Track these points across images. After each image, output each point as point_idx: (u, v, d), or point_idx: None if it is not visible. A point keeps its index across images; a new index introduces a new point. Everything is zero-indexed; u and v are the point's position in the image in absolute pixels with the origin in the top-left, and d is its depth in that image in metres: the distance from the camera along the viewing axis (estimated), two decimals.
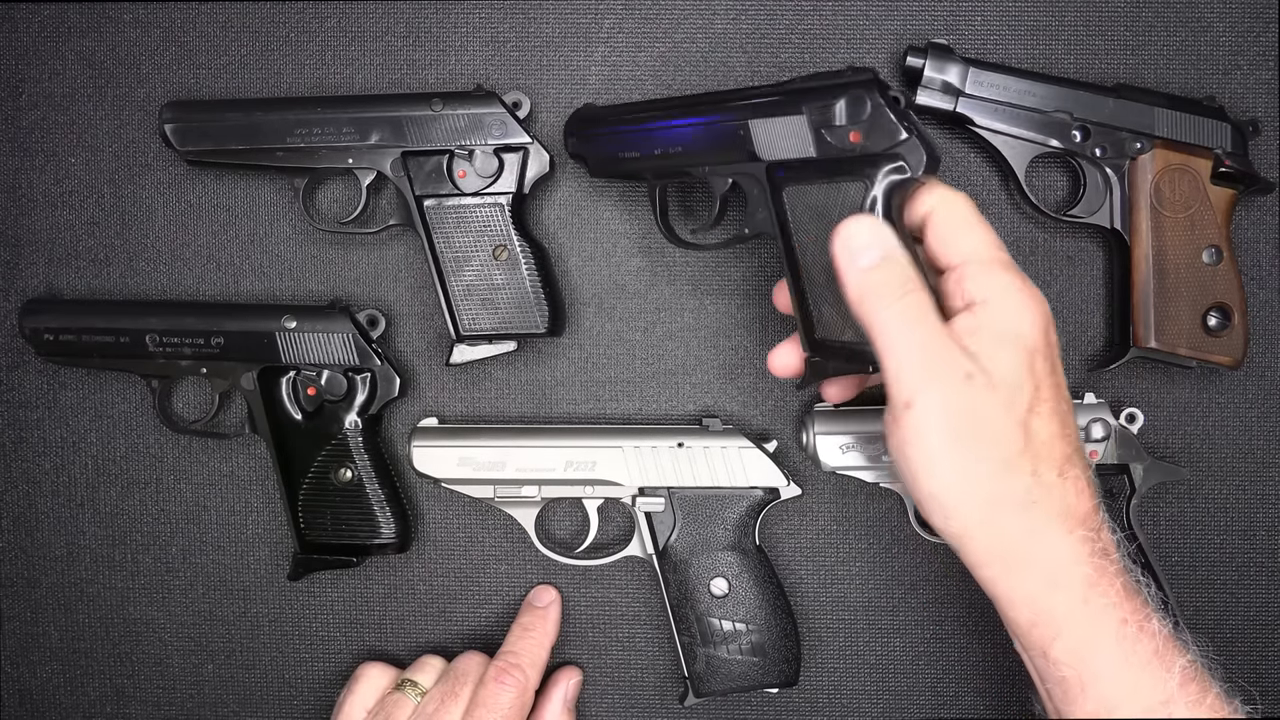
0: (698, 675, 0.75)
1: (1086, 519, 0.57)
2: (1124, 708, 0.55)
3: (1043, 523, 0.56)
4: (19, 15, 0.81)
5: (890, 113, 0.61)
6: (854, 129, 0.61)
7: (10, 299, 0.81)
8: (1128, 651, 0.56)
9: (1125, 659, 0.55)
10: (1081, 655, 0.56)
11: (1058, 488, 0.57)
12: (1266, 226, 0.80)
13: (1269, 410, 0.80)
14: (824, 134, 0.62)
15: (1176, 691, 0.55)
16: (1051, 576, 0.56)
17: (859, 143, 0.61)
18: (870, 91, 0.61)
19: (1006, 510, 0.56)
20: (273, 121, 0.75)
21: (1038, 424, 0.57)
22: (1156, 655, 0.56)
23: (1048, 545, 0.56)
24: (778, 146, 0.65)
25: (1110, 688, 0.55)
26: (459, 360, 0.77)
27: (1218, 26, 0.80)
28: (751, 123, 0.66)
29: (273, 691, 0.82)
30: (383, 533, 0.77)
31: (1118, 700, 0.55)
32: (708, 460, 0.76)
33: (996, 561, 0.57)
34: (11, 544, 0.82)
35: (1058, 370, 0.59)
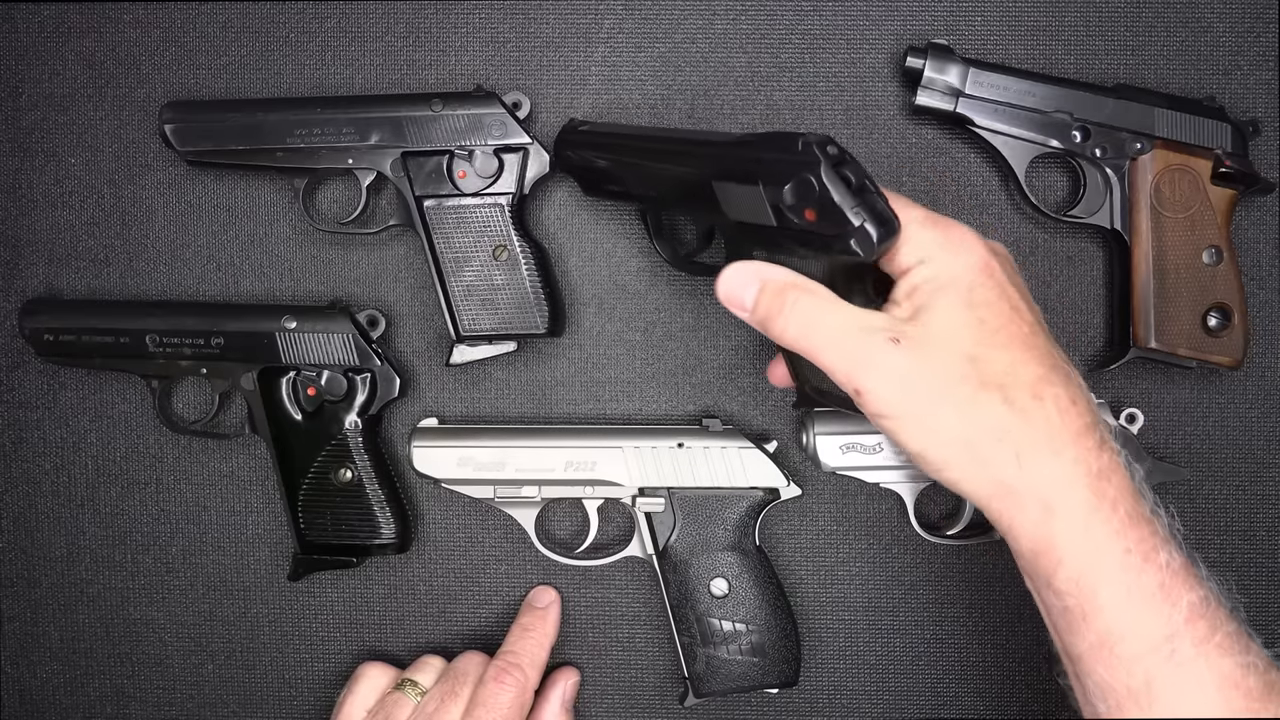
0: (698, 675, 0.75)
1: (1078, 439, 0.56)
2: (1126, 640, 0.54)
3: (1026, 447, 0.55)
4: (19, 15, 0.81)
5: (838, 200, 0.58)
6: (807, 208, 0.59)
7: (10, 299, 0.81)
8: (1130, 583, 0.54)
9: (1128, 591, 0.54)
10: (1083, 585, 0.55)
11: (1036, 410, 0.56)
12: (1266, 226, 0.80)
13: (1269, 410, 0.80)
14: (780, 208, 0.60)
15: (1182, 627, 0.54)
16: (1047, 502, 0.55)
17: (813, 221, 0.59)
18: (817, 175, 0.58)
19: (984, 444, 0.56)
20: (273, 122, 0.75)
21: (995, 354, 0.57)
22: (1162, 589, 0.54)
23: (1036, 470, 0.55)
24: (741, 210, 0.63)
25: (1112, 619, 0.54)
26: (459, 360, 0.77)
27: (1218, 26, 0.80)
28: (715, 183, 0.65)
29: (273, 691, 0.82)
30: (383, 533, 0.77)
31: (1120, 632, 0.54)
32: (708, 460, 0.76)
33: (993, 496, 0.56)
34: (11, 544, 0.82)
35: (1011, 296, 0.59)
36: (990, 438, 0.56)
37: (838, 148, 0.59)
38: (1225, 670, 0.53)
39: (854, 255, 0.58)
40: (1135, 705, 0.54)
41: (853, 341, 0.58)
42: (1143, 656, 0.54)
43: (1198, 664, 0.53)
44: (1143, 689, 0.54)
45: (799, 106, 0.80)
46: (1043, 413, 0.56)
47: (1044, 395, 0.56)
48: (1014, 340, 0.57)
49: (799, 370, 0.66)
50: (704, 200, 0.66)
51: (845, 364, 0.58)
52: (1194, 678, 0.53)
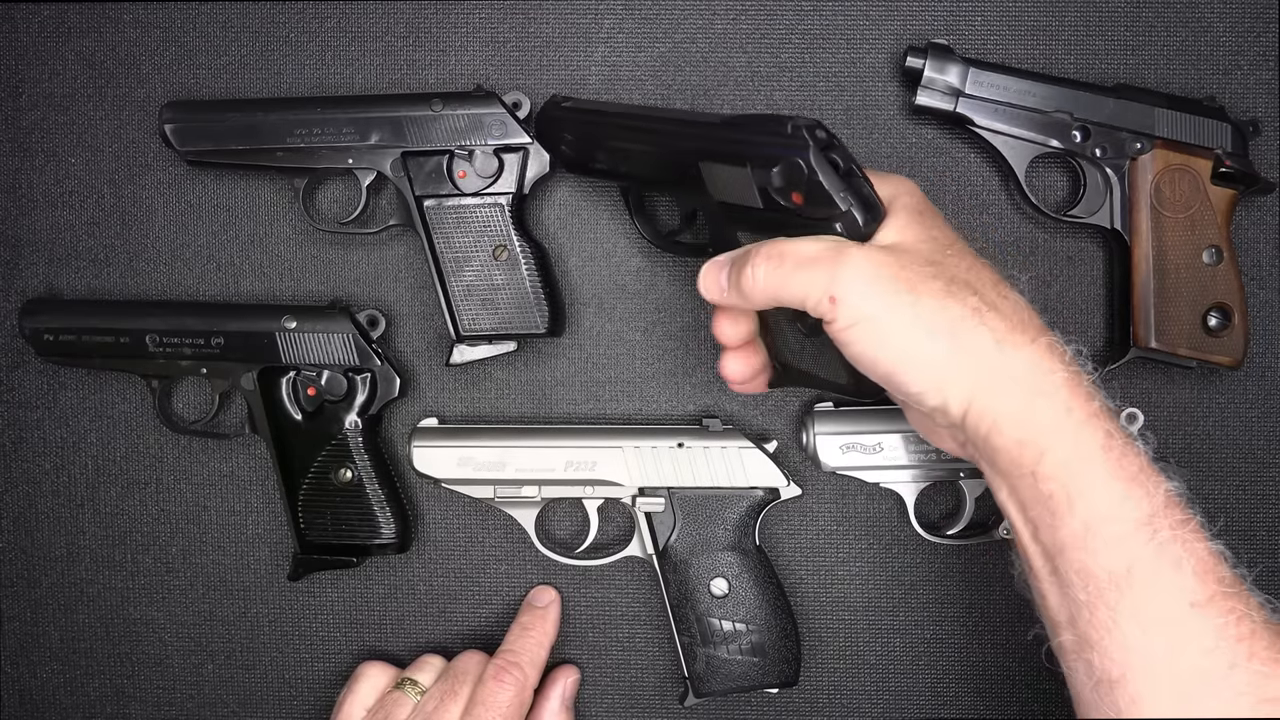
0: (698, 675, 0.75)
1: (1044, 333, 0.58)
2: (1111, 521, 0.54)
3: (1004, 332, 0.56)
4: (19, 15, 0.81)
5: (826, 184, 0.58)
6: (794, 191, 0.59)
7: (10, 299, 0.81)
8: (1114, 464, 0.55)
9: (1113, 471, 0.55)
10: (1070, 467, 0.55)
11: (1003, 303, 0.58)
12: (1266, 226, 0.80)
13: (1269, 410, 0.80)
14: (767, 190, 0.61)
15: (1161, 509, 0.54)
16: (1030, 384, 0.56)
17: (800, 204, 0.59)
18: (807, 159, 0.58)
19: (965, 330, 0.56)
20: (273, 121, 0.75)
21: (954, 260, 0.59)
22: (1142, 472, 0.55)
23: (1015, 353, 0.56)
24: (727, 191, 0.64)
25: (1098, 500, 0.54)
26: (459, 360, 0.77)
27: (1218, 26, 0.80)
28: (702, 164, 0.64)
29: (273, 691, 0.82)
30: (383, 533, 0.77)
31: (1105, 513, 0.54)
32: (708, 460, 0.76)
33: (976, 387, 0.56)
34: (11, 544, 0.82)
35: (948, 226, 0.62)
36: (969, 323, 0.56)
37: (826, 132, 0.60)
38: (1201, 554, 0.54)
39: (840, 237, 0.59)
40: (1114, 588, 0.54)
41: (821, 257, 0.58)
42: (1126, 538, 0.54)
43: (1175, 546, 0.54)
44: (1123, 572, 0.54)
45: (799, 106, 0.80)
46: (1010, 304, 0.58)
47: (1006, 294, 0.58)
48: (966, 254, 0.60)
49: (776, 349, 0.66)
50: (689, 181, 0.66)
51: (816, 278, 0.57)
52: (1173, 560, 0.53)
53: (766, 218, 0.62)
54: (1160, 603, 0.53)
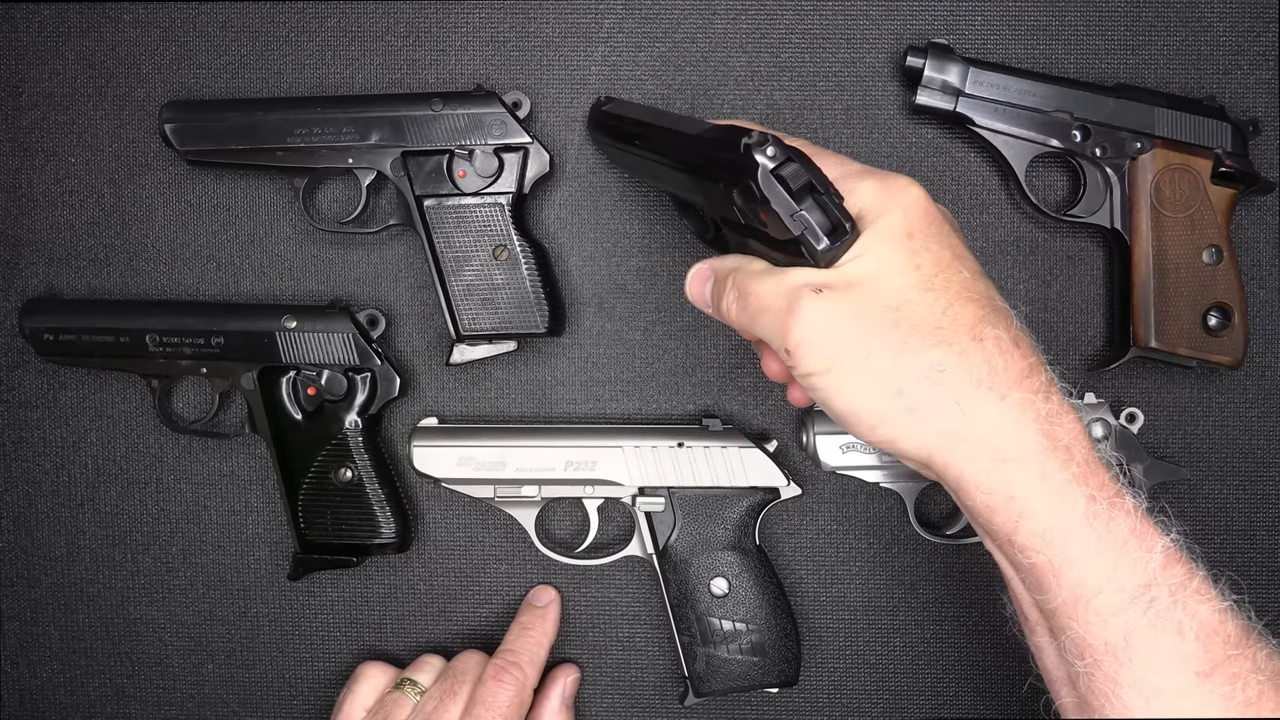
0: (698, 675, 0.75)
1: (1023, 380, 0.53)
2: (1103, 594, 0.51)
3: (967, 391, 0.52)
4: (19, 15, 0.81)
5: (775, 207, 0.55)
6: (760, 210, 0.56)
7: (10, 299, 0.81)
8: (1100, 531, 0.51)
9: (1098, 539, 0.51)
10: (1049, 538, 0.52)
11: (975, 351, 0.52)
12: (1266, 226, 0.80)
13: (1269, 410, 0.80)
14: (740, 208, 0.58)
15: (1159, 574, 0.51)
16: (997, 449, 0.52)
17: (766, 223, 0.57)
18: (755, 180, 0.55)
19: (920, 390, 0.52)
20: (273, 121, 0.75)
21: (929, 298, 0.53)
22: (1134, 534, 0.51)
23: (980, 414, 0.52)
24: (715, 206, 0.62)
25: (1085, 572, 0.51)
26: (459, 360, 0.77)
27: (1218, 26, 0.80)
28: (694, 178, 0.63)
29: (273, 691, 0.82)
30: (383, 533, 0.77)
31: (1095, 585, 0.51)
32: (708, 460, 0.76)
33: (935, 449, 0.53)
34: (11, 544, 0.82)
35: (954, 244, 0.56)
36: (925, 383, 0.52)
37: (779, 148, 0.55)
38: (1204, 617, 0.51)
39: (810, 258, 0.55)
40: (1113, 659, 0.51)
41: (780, 302, 0.55)
42: (1121, 610, 0.51)
43: (1177, 612, 0.50)
44: (1121, 643, 0.51)
45: (799, 106, 0.80)
46: (983, 353, 0.53)
47: (984, 336, 0.53)
48: (951, 285, 0.54)
49: None
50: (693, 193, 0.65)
51: (775, 325, 0.55)
52: (1174, 627, 0.50)
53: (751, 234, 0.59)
54: (1163, 675, 0.50)
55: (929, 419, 0.53)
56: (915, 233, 0.55)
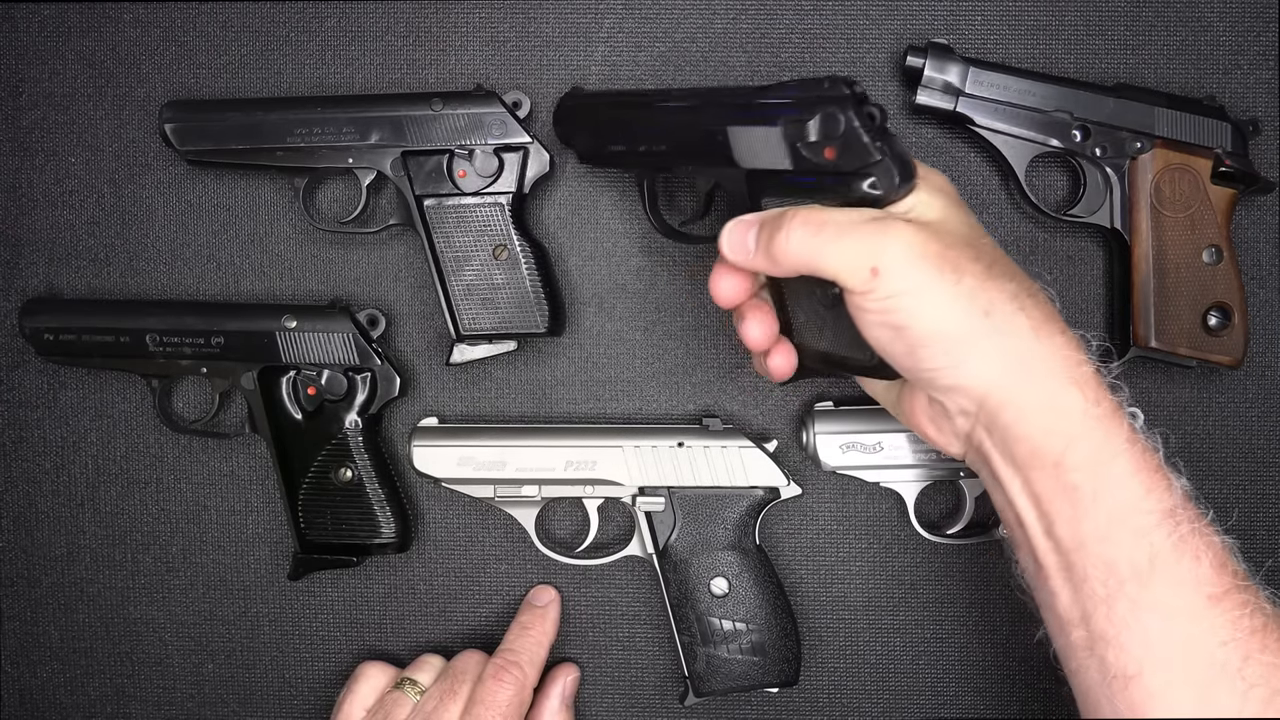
0: (698, 675, 0.75)
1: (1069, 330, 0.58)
2: (1138, 513, 0.55)
3: (1040, 320, 0.57)
4: (19, 15, 0.81)
5: (864, 133, 0.58)
6: (828, 145, 0.59)
7: (10, 299, 0.81)
8: (1139, 457, 0.56)
9: (1137, 464, 0.55)
10: (1098, 458, 0.55)
11: (1039, 295, 0.59)
12: (1266, 226, 0.80)
13: (1269, 410, 0.80)
14: (799, 148, 0.60)
15: (1180, 504, 0.55)
16: (1063, 373, 0.56)
17: (833, 159, 0.59)
18: (844, 109, 0.58)
19: (1008, 311, 0.56)
20: (273, 121, 0.75)
21: (989, 247, 0.59)
22: (1160, 467, 0.56)
23: (1051, 341, 0.57)
24: (755, 156, 0.63)
25: (1124, 492, 0.55)
26: (459, 360, 0.77)
27: (1218, 26, 0.80)
28: (730, 129, 0.64)
29: (273, 691, 0.82)
30: (383, 533, 0.77)
31: (1133, 504, 0.55)
32: (708, 460, 0.76)
33: (1007, 371, 0.56)
34: (11, 544, 0.82)
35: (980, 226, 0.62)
36: (1011, 307, 0.56)
37: (863, 89, 0.60)
38: (1217, 548, 0.55)
39: (872, 194, 0.58)
40: (1137, 581, 0.54)
41: (867, 226, 0.57)
42: (1149, 530, 0.54)
43: (1195, 539, 0.55)
44: (1146, 565, 0.54)
45: None
46: (1044, 298, 0.59)
47: (1037, 293, 0.59)
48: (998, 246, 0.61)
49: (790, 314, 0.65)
50: (714, 150, 0.65)
51: (858, 248, 0.56)
52: (1193, 552, 0.54)
53: (795, 183, 0.61)
54: (1181, 595, 0.54)
55: (1009, 340, 0.56)
56: (959, 200, 0.62)
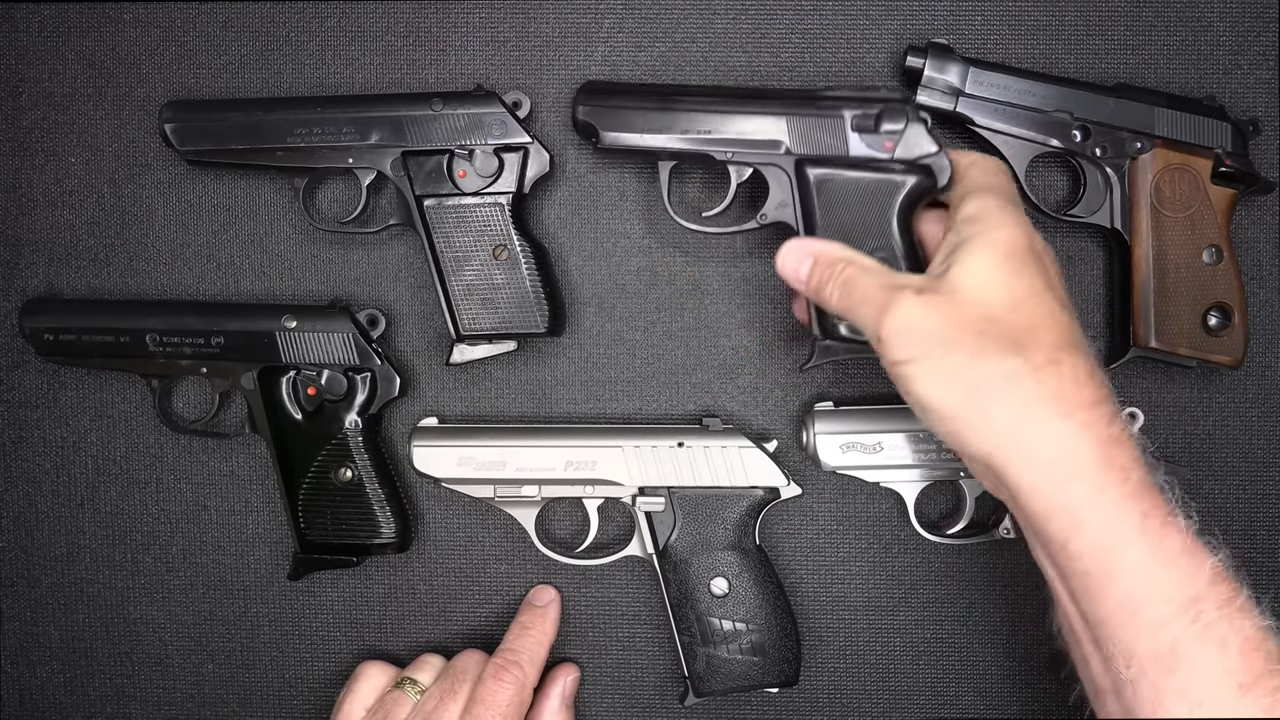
0: (698, 675, 0.75)
1: (1090, 407, 0.56)
2: (1152, 604, 0.54)
3: (1033, 401, 0.56)
4: (19, 15, 0.81)
5: (926, 128, 0.70)
6: (889, 138, 0.70)
7: (10, 299, 0.81)
8: (1153, 544, 0.54)
9: (1150, 552, 0.54)
10: (1104, 547, 0.55)
11: (1049, 370, 0.57)
12: (1266, 226, 0.80)
13: (1269, 410, 0.80)
14: (862, 138, 0.71)
15: (1205, 589, 0.53)
16: (1054, 460, 0.56)
17: (891, 150, 0.70)
18: (909, 108, 0.71)
19: (993, 390, 0.56)
20: (273, 121, 0.75)
21: (1015, 318, 0.58)
22: (1184, 551, 0.54)
23: (1043, 425, 0.56)
24: (813, 143, 0.72)
25: (1136, 583, 0.54)
26: (459, 360, 0.77)
27: (1218, 26, 0.80)
28: (790, 118, 0.72)
29: (273, 691, 0.82)
30: (383, 533, 0.77)
31: (1145, 595, 0.54)
32: (708, 460, 0.76)
33: (999, 449, 0.57)
34: (11, 544, 0.82)
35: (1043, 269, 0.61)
36: (997, 387, 0.57)
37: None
38: (1248, 632, 0.53)
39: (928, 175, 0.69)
40: (1159, 669, 0.53)
41: (882, 296, 0.60)
42: (1168, 621, 0.53)
43: (1221, 626, 0.53)
44: (1167, 653, 0.53)
45: None
46: (1056, 373, 0.57)
47: (1061, 360, 0.57)
48: (1037, 312, 0.59)
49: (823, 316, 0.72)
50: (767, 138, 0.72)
51: (872, 315, 0.60)
52: (1219, 640, 0.53)
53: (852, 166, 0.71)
54: (1208, 685, 0.53)
55: (995, 420, 0.57)
56: (1015, 254, 0.60)
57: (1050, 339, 0.58)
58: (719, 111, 0.73)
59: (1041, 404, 0.56)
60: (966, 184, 0.67)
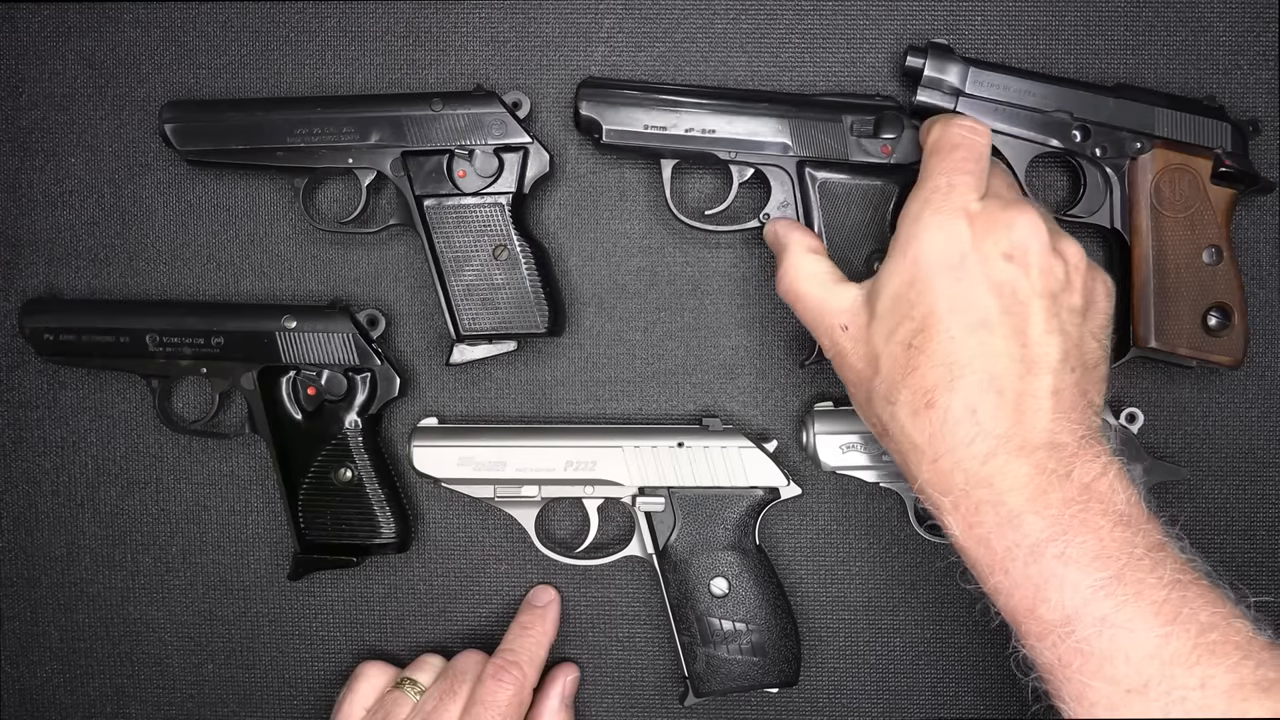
0: (698, 675, 0.75)
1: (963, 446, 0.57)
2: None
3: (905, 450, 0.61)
4: (19, 15, 0.81)
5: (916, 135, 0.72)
6: (886, 143, 0.73)
7: (10, 299, 0.81)
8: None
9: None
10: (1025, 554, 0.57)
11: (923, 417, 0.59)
12: (1266, 226, 0.80)
13: (1269, 410, 0.80)
14: (861, 142, 0.74)
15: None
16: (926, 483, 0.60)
17: (889, 155, 0.73)
18: (904, 116, 0.74)
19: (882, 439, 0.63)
20: (273, 121, 0.75)
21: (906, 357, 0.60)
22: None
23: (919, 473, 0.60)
24: (815, 145, 0.74)
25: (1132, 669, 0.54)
26: (459, 360, 0.77)
27: (1218, 26, 0.80)
28: (793, 120, 0.74)
29: (273, 691, 0.82)
30: (383, 533, 0.77)
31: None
32: (708, 460, 0.76)
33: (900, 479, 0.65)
34: (11, 544, 0.82)
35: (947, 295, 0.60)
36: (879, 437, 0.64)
37: None
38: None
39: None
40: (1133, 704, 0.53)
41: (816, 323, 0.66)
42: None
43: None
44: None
45: None
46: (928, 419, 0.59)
47: (934, 404, 0.59)
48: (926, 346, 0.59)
49: None
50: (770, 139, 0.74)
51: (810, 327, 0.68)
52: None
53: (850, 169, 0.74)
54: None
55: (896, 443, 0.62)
56: (916, 280, 0.61)
57: (931, 379, 0.59)
58: (723, 111, 0.74)
59: (914, 452, 0.59)
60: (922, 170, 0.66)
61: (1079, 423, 0.58)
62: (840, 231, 0.74)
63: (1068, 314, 0.61)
